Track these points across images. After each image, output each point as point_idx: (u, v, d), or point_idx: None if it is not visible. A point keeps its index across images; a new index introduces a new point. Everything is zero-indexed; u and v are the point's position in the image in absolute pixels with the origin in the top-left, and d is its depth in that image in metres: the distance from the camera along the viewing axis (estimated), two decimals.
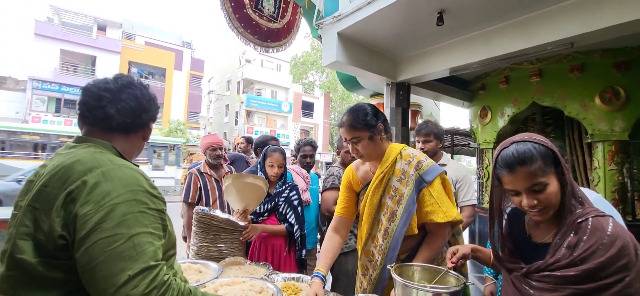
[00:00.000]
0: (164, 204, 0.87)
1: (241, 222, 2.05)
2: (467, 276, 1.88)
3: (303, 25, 4.52)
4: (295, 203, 2.35)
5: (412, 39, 3.87)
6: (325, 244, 1.69)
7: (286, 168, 2.46)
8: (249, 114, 26.28)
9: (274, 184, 2.36)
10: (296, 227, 2.30)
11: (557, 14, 2.91)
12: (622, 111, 3.79)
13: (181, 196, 3.01)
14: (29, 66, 19.04)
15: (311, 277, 1.55)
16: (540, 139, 0.99)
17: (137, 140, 1.02)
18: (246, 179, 2.07)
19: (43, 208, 0.77)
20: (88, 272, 0.71)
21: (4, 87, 20.16)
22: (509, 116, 4.82)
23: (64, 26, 21.13)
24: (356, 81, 5.41)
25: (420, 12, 3.22)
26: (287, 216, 2.30)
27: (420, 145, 2.52)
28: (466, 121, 6.27)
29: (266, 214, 2.31)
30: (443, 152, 2.67)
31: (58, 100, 19.85)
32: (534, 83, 4.45)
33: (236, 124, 26.07)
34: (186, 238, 3.10)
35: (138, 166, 0.90)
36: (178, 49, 26.13)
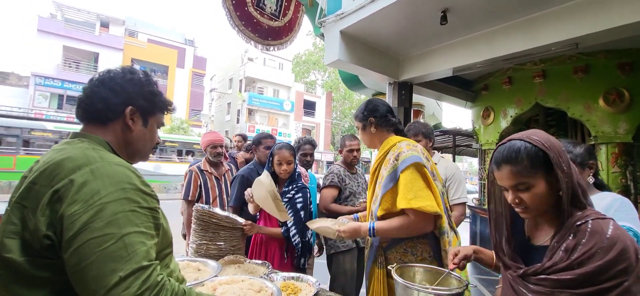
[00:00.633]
0: (157, 202, 0.85)
1: (240, 219, 2.04)
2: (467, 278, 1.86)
3: (305, 24, 4.50)
4: (298, 206, 2.18)
5: (415, 38, 3.85)
6: None
7: (297, 165, 2.32)
8: (250, 112, 26.27)
9: (283, 182, 2.23)
10: (294, 232, 2.12)
11: (561, 15, 2.88)
12: (626, 113, 3.76)
13: (181, 194, 3.00)
14: (31, 62, 19.10)
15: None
16: (539, 139, 0.95)
17: (138, 133, 0.96)
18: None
19: (30, 206, 0.74)
20: (77, 273, 0.69)
21: (7, 83, 20.24)
22: (511, 116, 4.79)
23: (66, 23, 21.15)
24: (358, 80, 5.39)
25: (424, 11, 3.20)
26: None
27: None
28: (468, 121, 6.24)
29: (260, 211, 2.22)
30: (434, 151, 2.64)
31: (60, 96, 19.89)
32: (537, 84, 4.42)
33: (238, 122, 26.08)
34: (186, 236, 3.10)
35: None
36: (180, 46, 26.16)
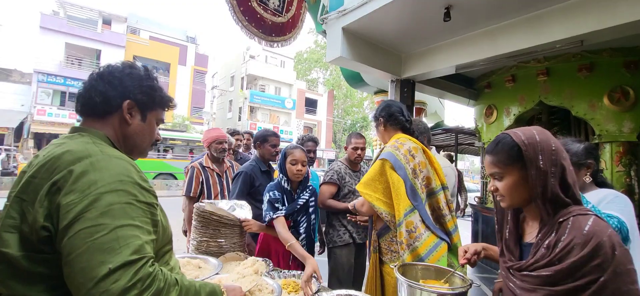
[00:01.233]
0: (155, 198, 0.84)
1: (241, 215, 2.03)
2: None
3: (307, 21, 4.47)
4: (311, 210, 2.14)
5: (418, 35, 3.82)
6: None
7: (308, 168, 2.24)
8: (252, 110, 26.28)
9: (296, 185, 2.14)
10: (303, 235, 2.07)
11: (567, 11, 2.84)
12: (630, 112, 3.73)
13: (183, 190, 2.99)
14: (34, 59, 19.15)
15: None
16: (522, 135, 0.98)
17: (136, 128, 0.95)
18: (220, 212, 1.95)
19: (29, 199, 0.74)
20: (68, 265, 0.67)
21: (10, 79, 20.32)
22: (514, 115, 4.76)
23: (69, 20, 21.17)
24: (360, 77, 5.36)
25: (427, 8, 3.17)
26: (300, 224, 2.11)
27: None
28: (471, 119, 6.21)
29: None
30: (432, 147, 2.64)
31: (63, 93, 19.94)
32: (541, 82, 4.38)
33: (239, 120, 26.10)
34: (186, 232, 3.11)
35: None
36: (182, 44, 26.16)
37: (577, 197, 0.95)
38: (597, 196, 1.44)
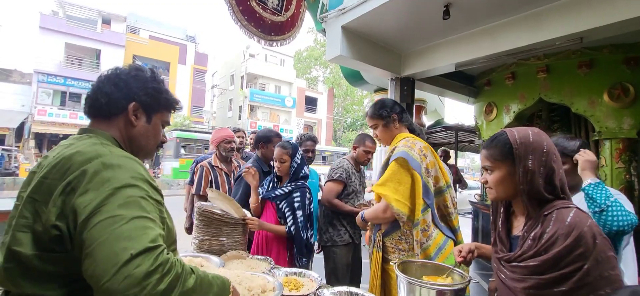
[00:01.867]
0: (162, 197, 0.86)
1: (246, 213, 2.05)
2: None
3: (307, 19, 4.47)
4: (296, 205, 2.15)
5: (418, 33, 3.82)
6: None
7: (300, 165, 2.25)
8: (252, 108, 26.27)
9: (285, 178, 2.24)
10: (292, 229, 2.12)
11: (566, 8, 2.85)
12: (630, 108, 3.73)
13: (192, 189, 3.04)
14: (34, 59, 19.14)
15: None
16: (516, 134, 1.04)
17: (141, 129, 0.96)
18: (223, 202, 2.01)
19: (42, 200, 0.76)
20: (89, 256, 0.68)
21: (10, 80, 20.32)
22: (514, 112, 4.76)
23: (68, 20, 21.14)
24: (360, 75, 5.36)
25: (427, 6, 3.17)
26: (287, 217, 2.16)
27: None
28: (471, 117, 6.21)
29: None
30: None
31: (63, 93, 19.95)
32: (540, 79, 4.38)
33: (240, 118, 26.09)
34: (188, 230, 3.16)
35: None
36: (182, 43, 26.12)
37: (562, 196, 1.01)
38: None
